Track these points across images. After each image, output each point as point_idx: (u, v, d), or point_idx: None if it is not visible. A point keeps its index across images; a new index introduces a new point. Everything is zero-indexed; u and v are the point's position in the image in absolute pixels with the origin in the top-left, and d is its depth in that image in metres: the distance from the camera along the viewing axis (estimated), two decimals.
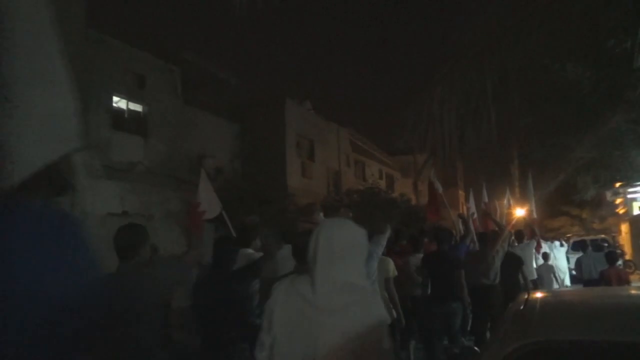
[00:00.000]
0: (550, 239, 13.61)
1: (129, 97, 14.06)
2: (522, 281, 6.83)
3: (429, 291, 5.92)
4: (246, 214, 13.58)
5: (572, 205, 25.56)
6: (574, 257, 16.46)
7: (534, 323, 2.03)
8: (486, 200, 11.53)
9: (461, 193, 41.21)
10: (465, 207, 33.36)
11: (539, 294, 2.66)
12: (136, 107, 14.37)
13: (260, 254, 4.30)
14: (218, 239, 4.10)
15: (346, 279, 1.93)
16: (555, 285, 9.78)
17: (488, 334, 5.88)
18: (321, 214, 4.80)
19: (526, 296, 2.48)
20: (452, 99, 5.99)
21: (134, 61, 14.04)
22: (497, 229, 7.43)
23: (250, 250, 4.62)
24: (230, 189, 14.61)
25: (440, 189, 9.48)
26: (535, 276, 8.82)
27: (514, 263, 6.86)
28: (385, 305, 4.54)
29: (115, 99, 13.73)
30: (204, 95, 16.67)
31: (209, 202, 6.34)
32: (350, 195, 19.68)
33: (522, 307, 2.24)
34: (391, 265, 5.42)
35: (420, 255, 6.36)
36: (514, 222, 10.97)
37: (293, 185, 17.96)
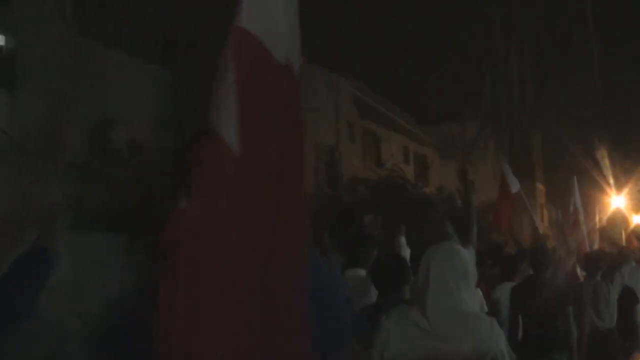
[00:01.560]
0: None
1: None
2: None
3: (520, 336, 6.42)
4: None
5: None
6: None
7: None
8: (579, 201, 11.84)
9: (540, 188, 41.01)
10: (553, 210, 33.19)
11: None
12: None
13: None
14: None
15: (459, 306, 3.12)
16: None
17: None
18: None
19: None
20: (525, 27, 5.79)
21: None
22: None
23: None
24: (153, 176, 14.35)
25: (516, 186, 9.85)
26: None
27: (626, 298, 7.74)
28: None
29: None
30: (111, 22, 16.44)
31: None
32: (354, 188, 19.53)
33: None
34: (480, 295, 5.79)
35: (512, 285, 6.75)
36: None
37: None
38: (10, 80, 14.07)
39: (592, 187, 21.33)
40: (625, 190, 20.80)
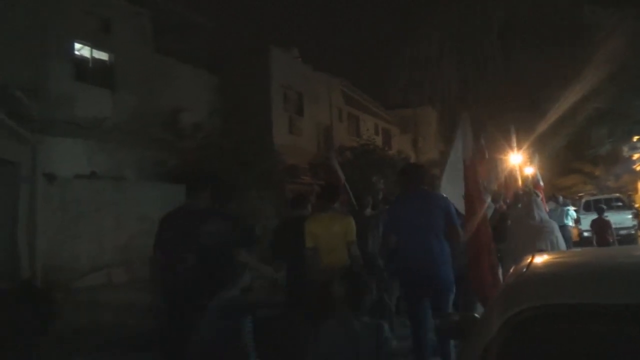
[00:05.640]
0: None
1: (93, 44, 13.69)
2: None
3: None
4: (226, 175, 13.55)
5: (584, 161, 25.70)
6: (585, 218, 16.76)
7: (532, 287, 2.04)
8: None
9: None
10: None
11: (542, 257, 2.64)
12: (101, 55, 14.01)
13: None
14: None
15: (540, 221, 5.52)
16: None
17: None
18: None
19: (529, 259, 2.48)
20: (452, 41, 5.88)
21: (97, 3, 13.59)
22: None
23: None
24: (209, 147, 14.48)
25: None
26: None
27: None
28: None
29: (77, 46, 13.35)
30: (178, 42, 16.33)
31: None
32: (342, 153, 19.63)
33: (524, 270, 2.28)
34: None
35: None
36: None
37: (279, 142, 17.85)
38: (111, 83, 13.99)
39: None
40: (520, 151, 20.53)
